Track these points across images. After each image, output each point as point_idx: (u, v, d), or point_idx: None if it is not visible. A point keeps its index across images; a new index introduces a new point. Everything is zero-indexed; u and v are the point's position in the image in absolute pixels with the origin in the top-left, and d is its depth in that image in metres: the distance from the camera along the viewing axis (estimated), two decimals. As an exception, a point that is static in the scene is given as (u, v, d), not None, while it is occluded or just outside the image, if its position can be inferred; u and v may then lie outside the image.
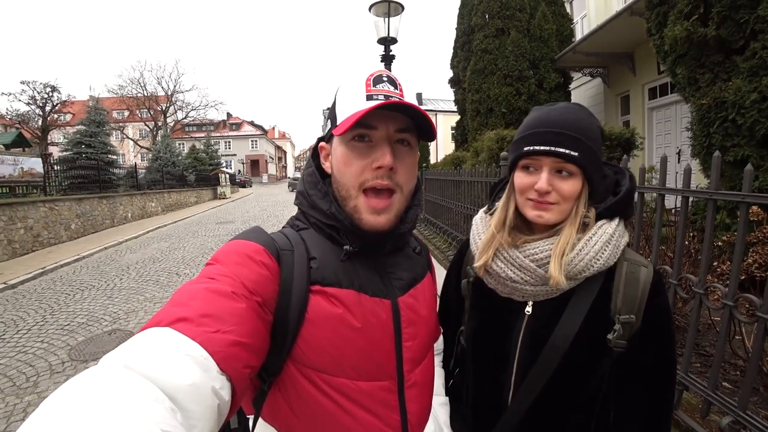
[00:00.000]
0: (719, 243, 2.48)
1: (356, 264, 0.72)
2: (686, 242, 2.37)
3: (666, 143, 8.01)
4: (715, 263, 2.39)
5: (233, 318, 0.54)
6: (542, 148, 0.77)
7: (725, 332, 1.46)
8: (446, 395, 1.00)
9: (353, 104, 0.69)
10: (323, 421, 0.67)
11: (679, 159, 7.44)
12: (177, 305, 0.53)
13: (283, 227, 0.80)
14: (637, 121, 8.59)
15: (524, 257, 0.81)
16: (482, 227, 0.92)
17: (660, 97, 8.11)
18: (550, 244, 0.79)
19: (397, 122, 0.70)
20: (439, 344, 0.99)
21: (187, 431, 0.42)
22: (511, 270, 0.82)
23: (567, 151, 0.75)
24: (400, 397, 0.73)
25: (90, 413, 0.36)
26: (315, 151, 0.81)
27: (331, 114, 0.76)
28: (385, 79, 0.71)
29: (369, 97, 0.69)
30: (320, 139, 0.82)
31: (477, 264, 0.86)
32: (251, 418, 0.72)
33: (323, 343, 0.66)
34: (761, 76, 3.15)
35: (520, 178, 0.82)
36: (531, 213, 0.81)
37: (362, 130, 0.69)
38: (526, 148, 0.79)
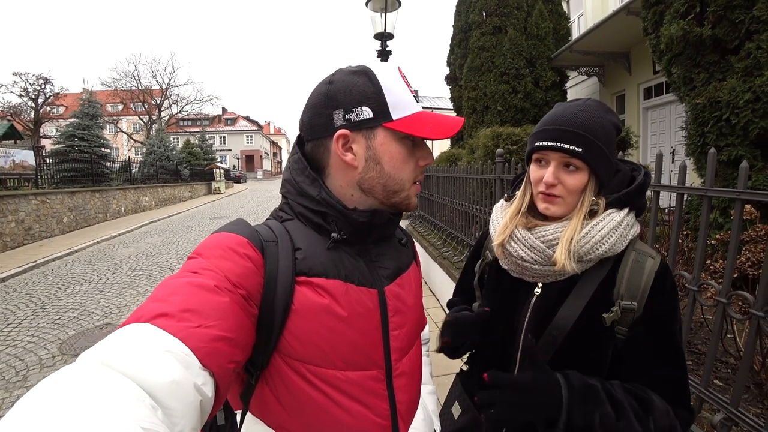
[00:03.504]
0: (712, 241, 2.50)
1: (342, 253, 0.71)
2: (680, 240, 2.38)
3: (660, 143, 8.06)
4: (708, 261, 2.40)
5: (216, 312, 0.53)
6: (549, 143, 0.83)
7: (719, 330, 1.46)
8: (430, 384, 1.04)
9: (407, 102, 0.71)
10: (312, 413, 0.66)
11: (673, 158, 7.49)
12: (158, 300, 0.52)
13: (267, 219, 0.78)
14: (632, 120, 8.64)
15: (535, 238, 0.86)
16: (500, 213, 0.99)
17: (655, 97, 8.15)
18: (560, 227, 0.85)
19: None
20: (425, 334, 1.00)
21: (169, 429, 0.41)
22: (522, 250, 0.88)
23: (571, 147, 0.81)
24: (388, 387, 0.73)
25: (68, 412, 0.34)
26: (300, 138, 0.77)
27: (376, 103, 0.68)
28: (407, 78, 0.74)
29: (414, 99, 0.73)
30: (323, 129, 0.71)
31: (495, 242, 0.93)
32: (239, 413, 0.71)
33: (310, 335, 0.65)
34: (755, 77, 3.16)
35: (533, 171, 0.90)
36: (540, 205, 0.89)
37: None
38: (536, 143, 0.86)
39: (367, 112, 0.68)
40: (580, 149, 0.80)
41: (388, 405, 0.72)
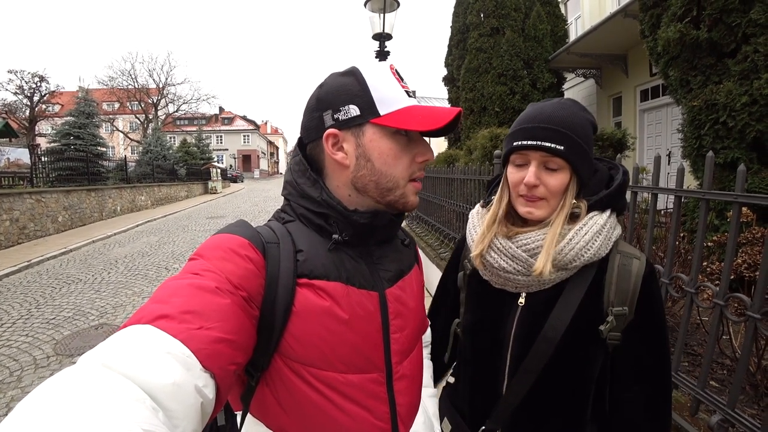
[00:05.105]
0: (708, 243, 2.51)
1: (343, 255, 0.71)
2: (676, 242, 2.39)
3: (657, 145, 8.11)
4: (705, 263, 2.41)
5: (217, 314, 0.53)
6: (529, 142, 0.79)
7: (715, 331, 1.47)
8: (435, 386, 1.02)
9: (395, 97, 0.69)
10: (312, 416, 0.66)
11: (669, 161, 7.54)
12: (158, 302, 0.52)
13: (269, 220, 0.78)
14: (629, 122, 8.68)
15: (516, 247, 0.82)
16: (477, 220, 0.94)
17: (651, 99, 8.20)
18: (542, 234, 0.81)
19: None
20: (426, 336, 1.00)
21: (170, 430, 0.41)
22: (503, 260, 0.84)
23: (553, 145, 0.77)
24: (389, 390, 0.72)
25: (69, 413, 0.34)
26: (302, 140, 0.77)
27: (362, 100, 0.68)
28: (404, 79, 0.73)
29: (407, 94, 0.71)
30: (316, 130, 0.72)
31: (473, 254, 0.88)
32: (239, 414, 0.71)
33: (311, 337, 0.65)
34: (752, 80, 3.18)
35: (511, 173, 0.85)
36: (522, 209, 0.84)
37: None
38: (515, 143, 0.82)
39: (354, 110, 0.68)
40: (562, 147, 0.77)
41: (388, 408, 0.72)
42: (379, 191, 0.71)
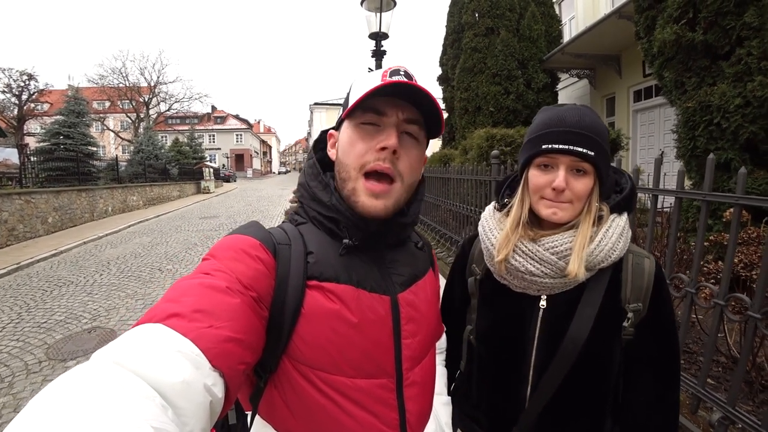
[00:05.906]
0: (705, 243, 2.54)
1: (355, 259, 0.71)
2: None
3: (650, 145, 8.19)
4: (701, 263, 2.44)
5: (227, 313, 0.53)
6: (562, 146, 0.79)
7: (716, 330, 1.48)
8: (449, 395, 1.00)
9: (363, 91, 0.68)
10: (320, 419, 0.66)
11: (661, 161, 7.61)
12: (170, 301, 0.53)
13: (283, 222, 0.78)
14: (622, 122, 8.76)
15: (544, 250, 0.82)
16: (493, 223, 0.92)
17: (645, 100, 8.27)
18: (569, 237, 0.82)
19: (406, 112, 0.70)
20: (441, 343, 0.98)
21: (179, 428, 0.41)
22: (530, 263, 0.83)
23: (585, 151, 0.78)
24: (398, 396, 0.71)
25: (81, 410, 0.35)
26: (317, 143, 0.81)
27: (344, 103, 0.74)
28: (402, 72, 0.71)
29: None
30: (326, 130, 0.81)
31: (498, 258, 0.86)
32: (250, 414, 0.71)
33: (319, 340, 0.65)
34: (746, 82, 3.23)
35: (536, 176, 0.84)
36: (545, 211, 0.84)
37: (372, 116, 0.68)
38: (544, 146, 0.81)
39: (340, 113, 0.75)
40: (593, 153, 0.78)
41: (397, 414, 0.71)
42: (342, 182, 0.72)
